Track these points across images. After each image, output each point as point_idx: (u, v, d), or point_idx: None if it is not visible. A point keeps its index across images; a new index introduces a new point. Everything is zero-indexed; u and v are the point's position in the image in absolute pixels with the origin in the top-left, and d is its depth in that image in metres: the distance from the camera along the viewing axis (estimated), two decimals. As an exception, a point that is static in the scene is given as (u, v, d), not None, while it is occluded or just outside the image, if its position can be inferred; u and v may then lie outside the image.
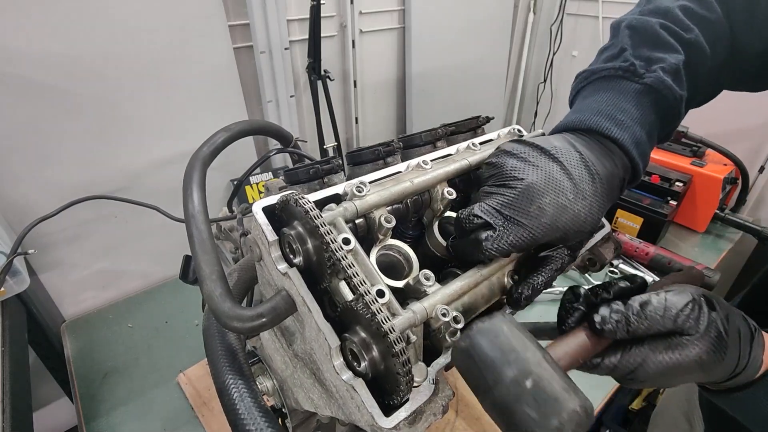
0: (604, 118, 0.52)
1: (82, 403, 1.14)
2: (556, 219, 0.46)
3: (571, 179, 0.48)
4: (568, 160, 0.49)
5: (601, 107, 0.53)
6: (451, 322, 0.44)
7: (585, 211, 0.48)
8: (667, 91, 0.52)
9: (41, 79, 1.17)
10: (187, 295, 1.48)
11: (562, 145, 0.50)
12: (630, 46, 0.55)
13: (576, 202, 0.47)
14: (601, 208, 0.49)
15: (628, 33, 0.56)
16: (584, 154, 0.50)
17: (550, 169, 0.48)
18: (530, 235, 0.46)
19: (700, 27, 0.56)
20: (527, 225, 0.46)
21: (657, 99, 0.53)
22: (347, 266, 0.42)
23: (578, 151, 0.50)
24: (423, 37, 2.02)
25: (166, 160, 1.46)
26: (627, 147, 0.51)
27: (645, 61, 0.53)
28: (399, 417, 0.40)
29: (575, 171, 0.48)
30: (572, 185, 0.47)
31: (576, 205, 0.47)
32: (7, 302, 1.14)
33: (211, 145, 0.67)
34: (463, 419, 1.08)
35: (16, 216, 1.24)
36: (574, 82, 0.61)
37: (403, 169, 0.56)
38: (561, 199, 0.47)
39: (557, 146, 0.50)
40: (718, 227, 1.76)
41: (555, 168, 0.48)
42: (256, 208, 0.47)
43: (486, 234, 0.46)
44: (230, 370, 0.52)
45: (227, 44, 1.48)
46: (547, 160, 0.49)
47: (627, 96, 0.53)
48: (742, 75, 0.62)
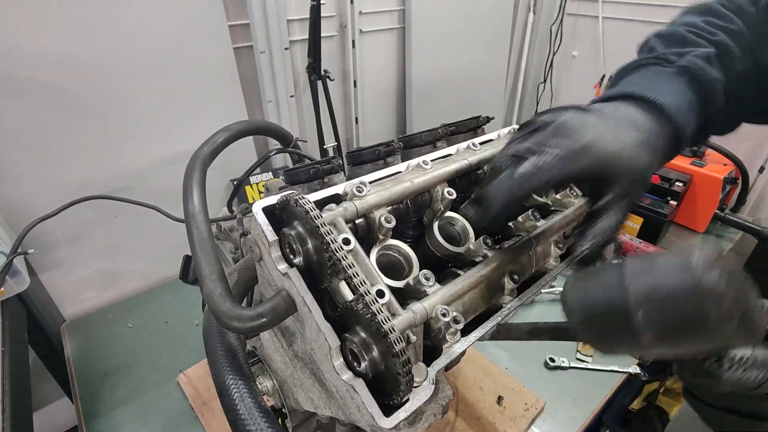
0: (637, 87, 0.52)
1: (82, 403, 1.14)
2: (594, 143, 0.44)
3: (607, 124, 0.47)
4: (602, 111, 0.49)
5: (634, 82, 0.54)
6: (451, 322, 0.44)
7: (627, 152, 0.45)
8: (701, 72, 0.53)
9: (41, 79, 1.17)
10: (187, 295, 1.48)
11: (594, 106, 0.51)
12: (660, 46, 0.56)
13: (615, 143, 0.45)
14: (641, 153, 0.47)
15: (656, 39, 0.58)
16: (619, 109, 0.50)
17: (583, 116, 0.47)
18: (570, 155, 0.44)
19: (725, 33, 0.57)
20: (565, 146, 0.44)
21: (692, 79, 0.53)
22: (347, 266, 0.42)
23: (612, 108, 0.50)
24: (423, 37, 2.02)
25: (166, 160, 1.46)
26: (664, 105, 0.50)
27: (677, 55, 0.54)
28: (399, 417, 0.40)
29: (611, 120, 0.48)
30: (609, 129, 0.46)
31: (615, 144, 0.45)
32: (7, 302, 1.14)
33: (211, 145, 0.67)
34: (463, 419, 1.08)
35: (16, 216, 1.24)
36: (606, 85, 0.62)
37: (403, 169, 0.56)
38: (598, 132, 0.45)
39: (590, 106, 0.50)
40: (718, 227, 1.76)
41: (590, 116, 0.48)
42: (256, 208, 0.47)
43: (523, 164, 0.44)
44: (230, 370, 0.51)
45: (227, 44, 1.48)
46: (580, 112, 0.49)
47: (661, 76, 0.54)
48: (763, 94, 0.61)
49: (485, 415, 1.09)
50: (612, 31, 2.35)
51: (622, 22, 2.29)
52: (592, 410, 1.14)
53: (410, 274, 0.50)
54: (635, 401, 1.71)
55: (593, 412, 1.14)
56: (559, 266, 0.60)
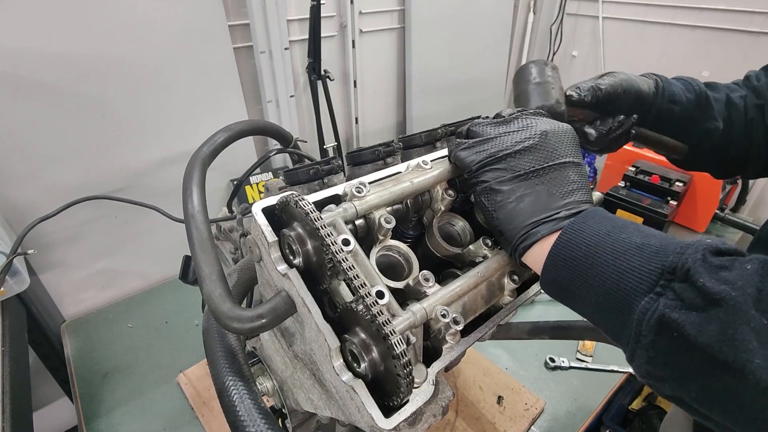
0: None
1: (82, 403, 1.14)
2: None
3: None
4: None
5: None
6: (451, 323, 0.44)
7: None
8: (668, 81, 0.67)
9: (41, 79, 1.17)
10: (187, 295, 1.48)
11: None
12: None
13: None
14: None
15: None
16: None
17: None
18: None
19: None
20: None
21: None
22: (347, 268, 0.42)
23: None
24: (423, 37, 2.02)
25: (166, 160, 1.46)
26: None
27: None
28: (399, 418, 0.40)
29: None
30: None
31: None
32: (7, 302, 1.14)
33: (211, 145, 0.67)
34: (463, 419, 1.08)
35: (16, 216, 1.24)
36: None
37: (403, 170, 0.56)
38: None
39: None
40: (718, 227, 1.76)
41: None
42: (256, 208, 0.47)
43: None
44: (230, 371, 0.51)
45: (227, 44, 1.48)
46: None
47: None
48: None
49: (485, 415, 1.09)
50: (612, 31, 2.35)
51: (622, 22, 2.29)
52: (592, 410, 1.14)
53: (410, 274, 0.50)
54: (635, 401, 1.71)
55: (593, 412, 1.14)
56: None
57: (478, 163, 0.48)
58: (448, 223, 0.58)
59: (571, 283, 0.41)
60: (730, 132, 0.68)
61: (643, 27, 2.21)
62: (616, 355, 1.27)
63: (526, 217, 0.45)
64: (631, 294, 0.35)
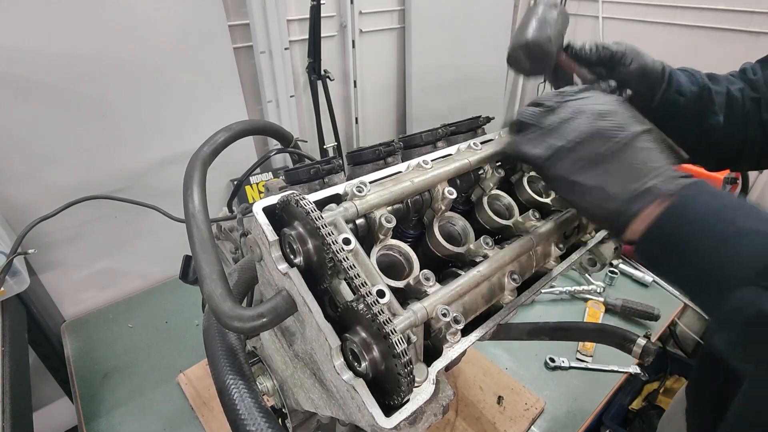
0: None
1: (82, 403, 1.14)
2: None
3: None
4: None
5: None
6: (451, 322, 0.44)
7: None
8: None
9: (41, 79, 1.17)
10: (187, 295, 1.48)
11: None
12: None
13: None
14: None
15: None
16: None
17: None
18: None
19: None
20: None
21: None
22: (348, 267, 0.42)
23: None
24: (423, 37, 2.02)
25: (166, 160, 1.46)
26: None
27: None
28: (399, 417, 0.40)
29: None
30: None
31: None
32: (7, 302, 1.14)
33: (211, 145, 0.67)
34: (463, 419, 1.08)
35: (16, 216, 1.24)
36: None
37: (403, 169, 0.56)
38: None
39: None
40: (718, 227, 1.76)
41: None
42: (257, 208, 0.47)
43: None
44: (230, 370, 0.51)
45: (227, 44, 1.48)
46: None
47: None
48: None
49: (485, 415, 1.09)
50: (612, 31, 2.35)
51: (622, 22, 2.28)
52: (592, 410, 1.14)
53: (410, 274, 0.50)
54: (635, 401, 1.71)
55: (593, 412, 1.14)
56: (560, 266, 0.60)
57: (548, 159, 0.48)
58: (449, 223, 0.58)
59: (670, 256, 0.41)
60: (729, 126, 0.67)
61: (643, 27, 2.21)
62: (616, 355, 1.27)
63: (616, 193, 0.44)
64: (732, 280, 0.35)
